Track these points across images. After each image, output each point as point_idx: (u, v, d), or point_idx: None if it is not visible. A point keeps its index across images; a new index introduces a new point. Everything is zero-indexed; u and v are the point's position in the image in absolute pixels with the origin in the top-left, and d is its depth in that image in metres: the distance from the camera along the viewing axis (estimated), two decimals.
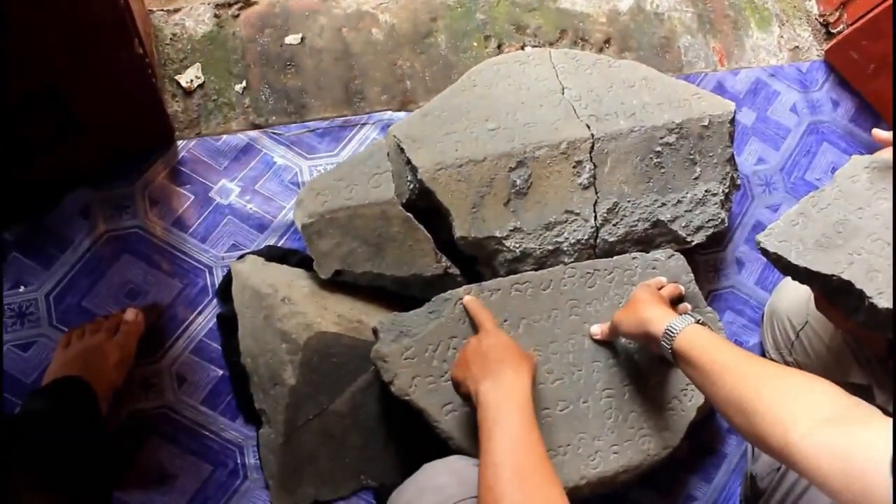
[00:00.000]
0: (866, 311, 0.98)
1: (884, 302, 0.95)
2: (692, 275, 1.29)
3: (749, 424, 0.80)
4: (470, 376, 0.96)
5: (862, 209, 1.08)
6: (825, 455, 0.70)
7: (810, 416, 0.74)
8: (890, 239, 1.01)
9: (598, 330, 1.20)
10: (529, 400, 0.91)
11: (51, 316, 1.27)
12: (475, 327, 1.12)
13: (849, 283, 1.00)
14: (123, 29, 1.03)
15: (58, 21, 0.95)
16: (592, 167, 1.29)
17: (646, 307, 1.08)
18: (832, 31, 1.71)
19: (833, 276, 1.02)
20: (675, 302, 1.23)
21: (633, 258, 1.27)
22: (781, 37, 1.71)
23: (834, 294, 1.06)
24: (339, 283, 1.28)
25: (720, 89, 1.61)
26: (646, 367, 1.21)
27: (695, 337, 0.96)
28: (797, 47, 1.71)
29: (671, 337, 0.98)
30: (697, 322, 0.99)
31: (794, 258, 1.06)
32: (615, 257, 1.27)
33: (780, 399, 0.78)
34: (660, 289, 1.21)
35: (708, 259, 1.51)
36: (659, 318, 1.03)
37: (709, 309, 1.29)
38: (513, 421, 0.87)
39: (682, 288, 1.25)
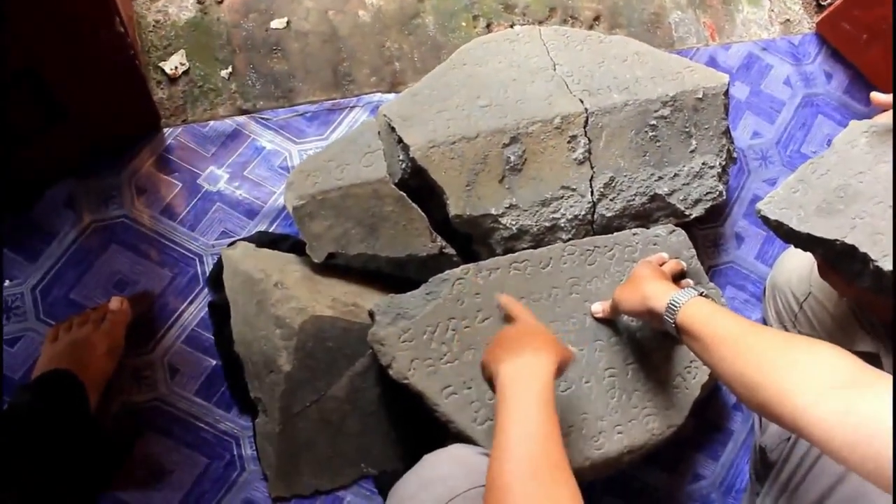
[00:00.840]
0: (871, 274, 0.97)
1: (888, 264, 0.93)
2: (694, 250, 1.27)
3: (757, 396, 0.78)
4: (492, 358, 0.92)
5: (862, 173, 1.06)
6: (834, 422, 0.68)
7: (817, 383, 0.72)
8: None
9: (599, 308, 1.18)
10: (546, 381, 0.85)
11: (38, 310, 1.24)
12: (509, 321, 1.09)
13: (852, 248, 0.99)
14: (103, 7, 1.00)
15: (34, 1, 0.92)
16: (587, 142, 1.27)
17: (647, 283, 1.05)
18: (822, 3, 1.69)
19: (836, 240, 1.00)
20: (678, 278, 1.21)
21: (634, 234, 1.25)
22: (772, 10, 1.69)
23: (837, 260, 1.05)
24: (332, 267, 1.25)
25: (712, 64, 1.59)
26: (649, 344, 1.18)
27: (698, 309, 0.93)
28: (788, 20, 1.69)
29: (674, 311, 0.95)
30: (701, 295, 0.97)
31: (795, 225, 1.05)
32: (615, 234, 1.25)
33: (787, 368, 0.76)
34: (661, 265, 1.19)
35: (707, 234, 1.49)
36: (661, 293, 1.00)
37: (711, 285, 1.27)
38: (525, 401, 0.83)
39: (684, 264, 1.23)
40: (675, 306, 0.95)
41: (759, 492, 1.12)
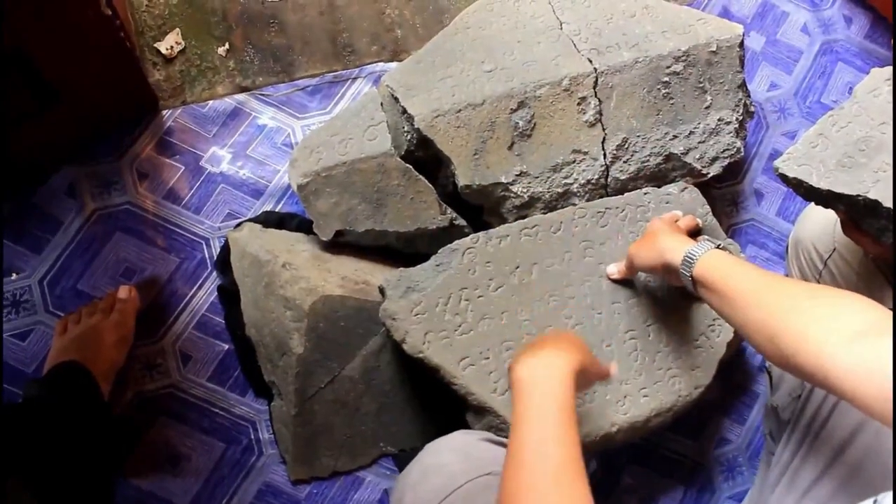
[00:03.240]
0: None
1: None
2: (708, 207, 1.22)
3: (778, 349, 0.75)
4: (513, 360, 0.88)
5: (886, 124, 1.02)
6: (860, 370, 0.66)
7: (841, 331, 0.70)
8: None
9: (614, 269, 1.14)
10: (562, 380, 0.80)
11: (46, 302, 1.22)
12: None
13: (876, 203, 0.95)
14: None
15: None
16: (598, 103, 1.22)
17: (662, 237, 1.02)
18: None
19: (859, 196, 0.97)
20: (693, 235, 1.17)
21: (646, 193, 1.21)
22: None
23: (861, 216, 1.01)
24: (340, 245, 1.23)
25: (725, 14, 1.54)
26: (668, 304, 1.15)
27: (715, 261, 0.90)
28: None
29: (690, 263, 0.92)
30: (717, 247, 0.94)
31: (815, 181, 1.01)
32: (626, 194, 1.21)
33: (809, 318, 0.73)
34: (675, 222, 1.15)
35: (725, 193, 1.45)
36: (677, 247, 0.96)
37: (729, 240, 1.23)
38: (538, 403, 0.79)
39: (699, 220, 1.19)
40: (692, 259, 0.92)
41: (773, 451, 1.10)
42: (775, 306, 0.77)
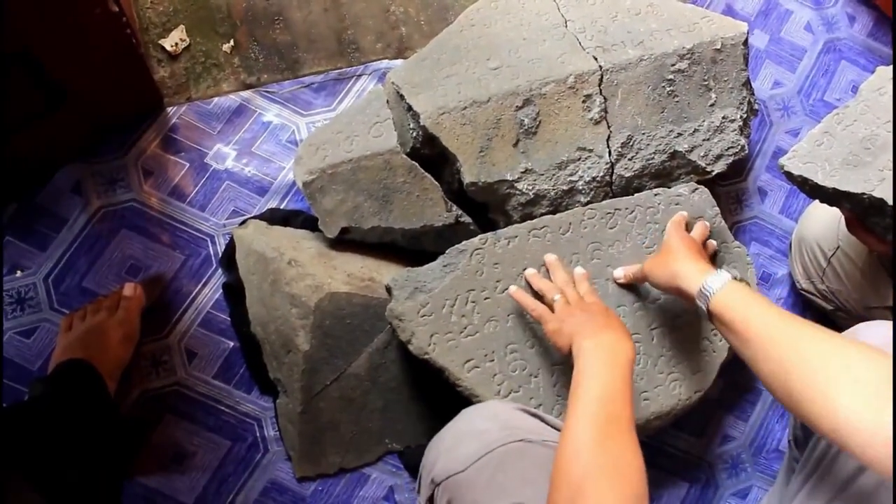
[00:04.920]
0: None
1: None
2: (717, 208, 1.22)
3: (795, 403, 0.76)
4: (577, 330, 0.94)
5: (891, 122, 1.02)
6: (879, 438, 0.66)
7: (856, 393, 0.70)
8: None
9: (621, 273, 1.14)
10: (628, 361, 0.89)
11: (51, 299, 1.22)
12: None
13: (881, 201, 0.96)
14: None
15: None
16: (603, 100, 1.22)
17: (678, 259, 1.00)
18: None
19: (864, 194, 0.97)
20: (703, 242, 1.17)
21: (656, 195, 1.21)
22: None
23: (866, 214, 1.01)
24: (346, 242, 1.23)
25: (729, 12, 1.54)
26: (673, 308, 1.15)
27: (731, 300, 0.88)
28: None
29: (706, 298, 0.91)
30: (734, 279, 0.92)
31: (820, 179, 1.01)
32: (636, 195, 1.21)
33: (824, 377, 0.73)
34: (686, 226, 1.15)
35: (729, 190, 1.45)
36: (693, 274, 0.95)
37: (736, 243, 1.23)
38: (607, 369, 0.86)
39: (709, 224, 1.18)
40: (708, 293, 0.91)
41: (797, 458, 1.09)
42: (789, 361, 0.77)
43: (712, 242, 1.17)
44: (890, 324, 0.96)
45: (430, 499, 0.90)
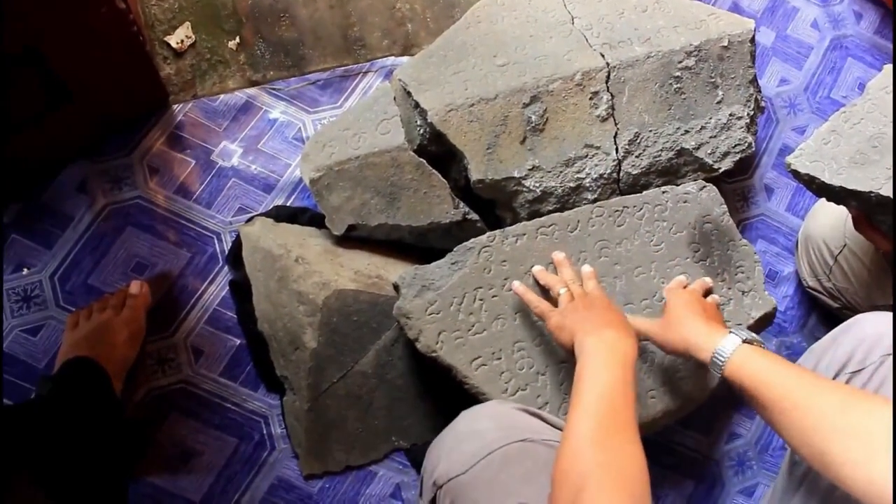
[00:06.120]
0: None
1: None
2: (725, 206, 1.22)
3: (824, 466, 0.76)
4: (579, 327, 0.94)
5: None
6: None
7: (884, 454, 0.70)
8: None
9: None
10: (630, 359, 0.88)
11: (57, 297, 1.22)
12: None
13: (888, 200, 0.96)
14: None
15: None
16: (610, 97, 1.22)
17: (685, 323, 0.99)
18: None
19: (871, 193, 0.97)
20: (704, 295, 1.14)
21: (664, 192, 1.20)
22: None
23: (873, 213, 1.01)
24: (353, 239, 1.22)
25: (736, 9, 1.53)
26: None
27: (745, 366, 0.87)
28: None
29: (719, 366, 0.90)
30: (745, 342, 0.91)
31: (827, 178, 1.01)
32: (644, 192, 1.20)
33: (850, 440, 0.74)
34: (685, 286, 1.13)
35: (735, 188, 1.45)
36: (701, 340, 0.94)
37: (743, 241, 1.23)
38: (609, 367, 0.85)
39: (710, 281, 1.15)
40: (721, 360, 0.90)
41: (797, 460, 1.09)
42: (816, 429, 0.77)
43: (715, 297, 1.14)
44: (890, 314, 0.96)
45: (433, 502, 0.89)
